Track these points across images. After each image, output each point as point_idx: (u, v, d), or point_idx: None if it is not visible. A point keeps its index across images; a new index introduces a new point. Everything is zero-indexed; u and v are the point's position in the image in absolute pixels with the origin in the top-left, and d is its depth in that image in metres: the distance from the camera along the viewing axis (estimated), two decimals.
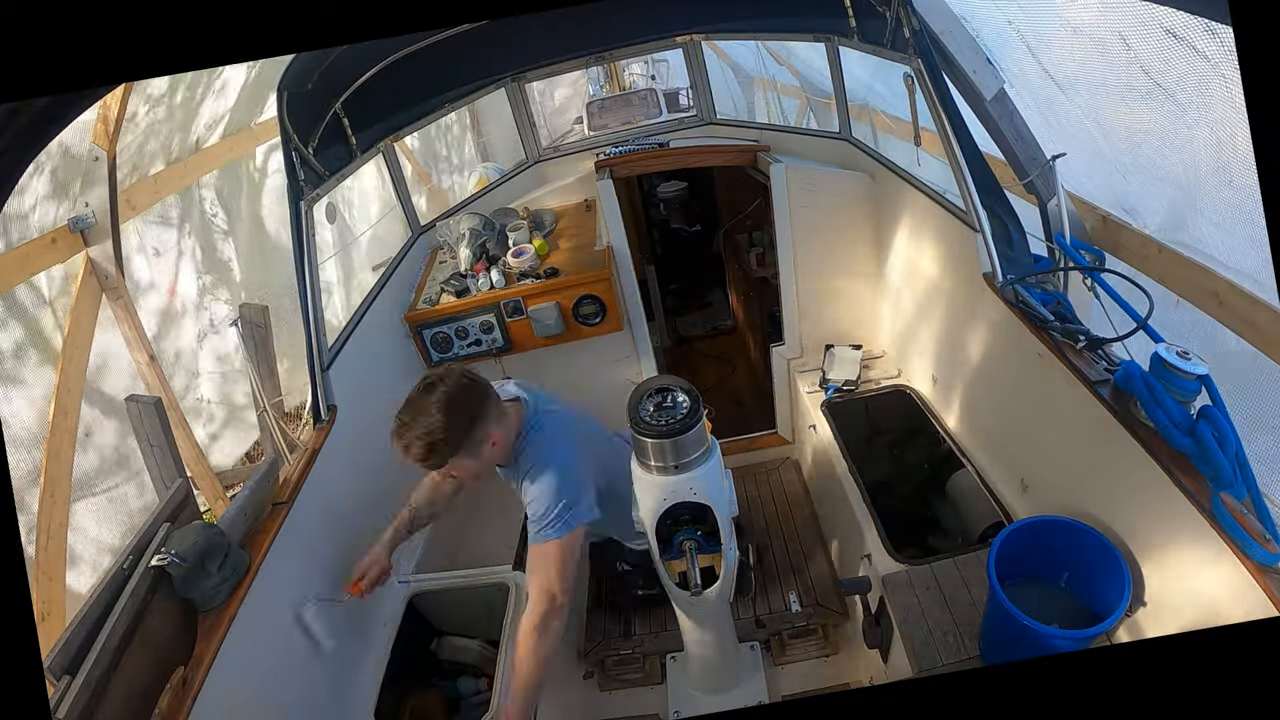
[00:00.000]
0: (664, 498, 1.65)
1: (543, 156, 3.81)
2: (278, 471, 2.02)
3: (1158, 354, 1.55)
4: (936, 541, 2.59)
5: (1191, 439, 1.45)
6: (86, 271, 3.18)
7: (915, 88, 2.33)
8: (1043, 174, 2.22)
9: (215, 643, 1.58)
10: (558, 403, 1.95)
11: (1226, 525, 1.35)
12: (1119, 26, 1.69)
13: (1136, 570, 1.64)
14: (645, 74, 8.48)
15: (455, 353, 2.99)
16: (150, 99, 3.46)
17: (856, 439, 2.77)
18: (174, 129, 3.72)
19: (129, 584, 1.52)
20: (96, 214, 3.15)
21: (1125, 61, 1.72)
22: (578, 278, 2.91)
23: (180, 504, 1.75)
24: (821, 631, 2.57)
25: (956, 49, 2.19)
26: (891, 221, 2.90)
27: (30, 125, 0.95)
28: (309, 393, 2.28)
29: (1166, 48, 1.58)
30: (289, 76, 2.20)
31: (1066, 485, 1.98)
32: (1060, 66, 2.04)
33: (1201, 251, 1.89)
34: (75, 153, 3.05)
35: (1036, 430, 2.12)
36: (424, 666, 2.32)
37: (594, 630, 2.75)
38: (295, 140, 2.26)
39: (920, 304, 2.81)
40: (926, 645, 1.83)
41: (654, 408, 1.63)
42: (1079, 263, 2.17)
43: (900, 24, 2.11)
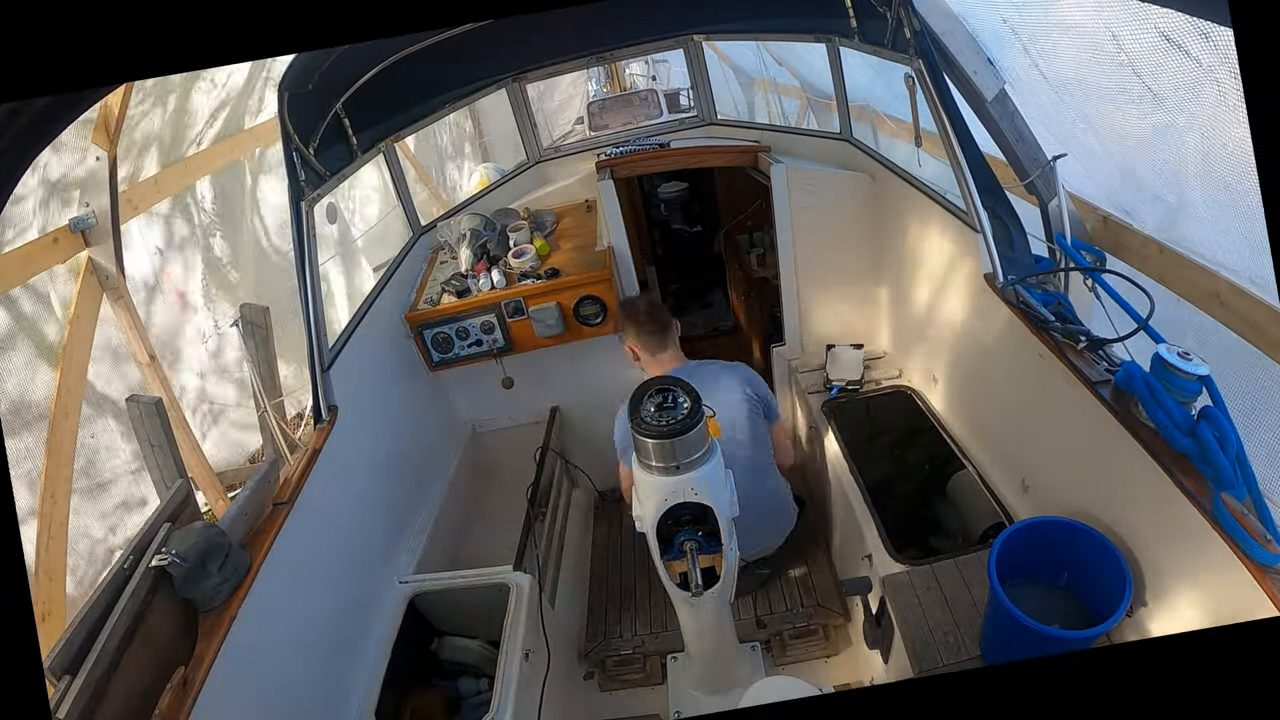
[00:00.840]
0: (665, 498, 1.65)
1: (543, 157, 3.81)
2: (278, 471, 2.02)
3: (1158, 354, 1.54)
4: (937, 542, 2.59)
5: (1192, 439, 1.45)
6: (87, 272, 3.18)
7: (916, 88, 2.33)
8: (1043, 174, 2.22)
9: (216, 643, 1.58)
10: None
11: (1227, 526, 1.35)
12: (1112, 28, 1.69)
13: (1137, 570, 1.64)
14: (646, 74, 8.49)
15: (456, 353, 2.99)
16: (151, 99, 3.47)
17: (857, 439, 2.77)
18: (176, 129, 3.72)
19: (129, 584, 1.51)
20: (97, 214, 3.15)
21: (1118, 64, 1.72)
22: (579, 278, 2.91)
23: (181, 504, 1.75)
24: (822, 632, 2.57)
25: (957, 49, 2.18)
26: (892, 222, 2.90)
27: (30, 125, 0.95)
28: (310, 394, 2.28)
29: (1160, 50, 1.58)
30: (290, 76, 2.20)
31: (1067, 486, 1.97)
32: (1055, 68, 2.03)
33: (1201, 253, 1.89)
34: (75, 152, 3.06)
35: (1037, 431, 2.12)
36: (424, 666, 2.32)
37: (594, 630, 2.75)
38: (296, 140, 2.26)
39: (921, 305, 2.81)
40: (927, 646, 1.83)
41: (655, 408, 1.62)
42: (1080, 263, 2.17)
43: (901, 24, 2.11)
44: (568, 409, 3.36)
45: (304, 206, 2.26)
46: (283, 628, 1.86)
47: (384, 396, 2.74)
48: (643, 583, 2.90)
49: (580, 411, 3.36)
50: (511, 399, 3.22)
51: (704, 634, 2.01)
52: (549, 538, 2.74)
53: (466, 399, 3.29)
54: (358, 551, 2.28)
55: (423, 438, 3.00)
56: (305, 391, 2.59)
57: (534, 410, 3.31)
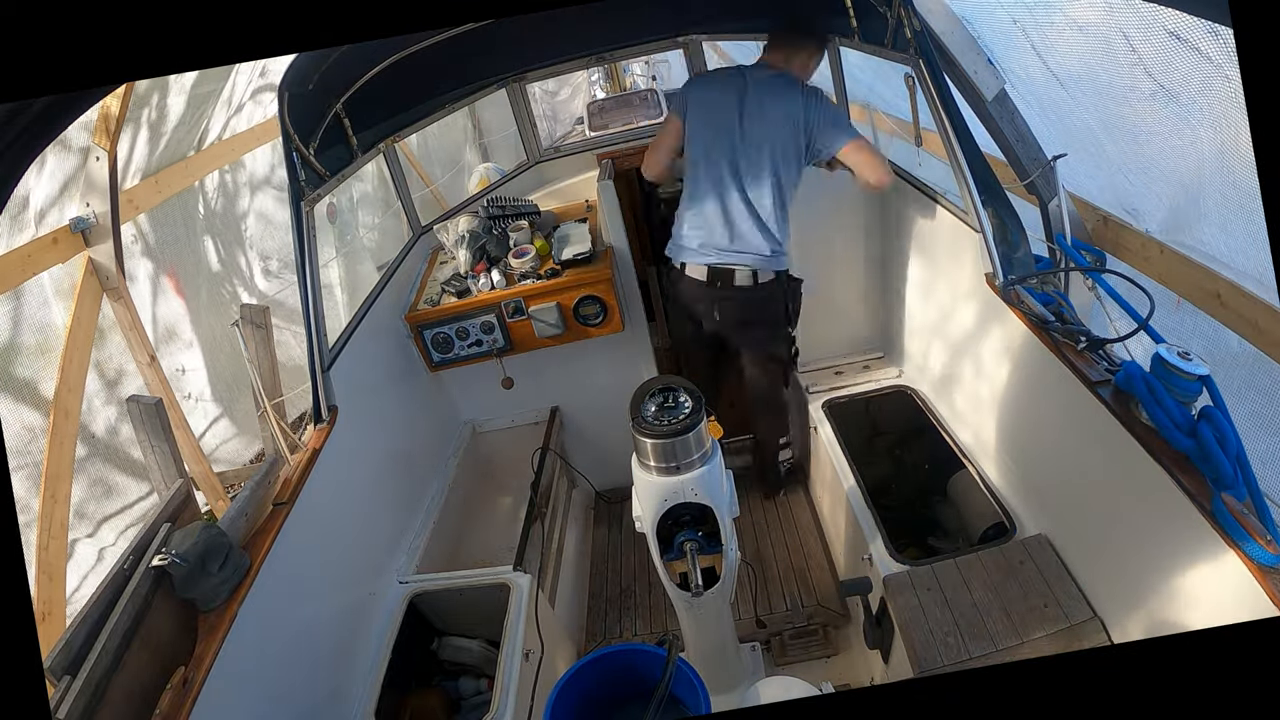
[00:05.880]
0: (665, 498, 1.65)
1: (543, 157, 3.81)
2: (278, 472, 2.02)
3: (1159, 354, 1.54)
4: (937, 542, 2.59)
5: (1192, 439, 1.45)
6: (87, 272, 3.18)
7: (916, 88, 2.33)
8: (1043, 174, 2.22)
9: (216, 643, 1.58)
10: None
11: (1228, 526, 1.35)
12: (1123, 26, 1.69)
13: (1138, 570, 1.64)
14: (646, 74, 8.49)
15: (456, 353, 2.99)
16: (151, 99, 3.46)
17: (857, 439, 2.77)
18: (176, 129, 3.72)
19: (130, 584, 1.52)
20: (97, 214, 3.15)
21: (1129, 63, 1.72)
22: (578, 278, 2.91)
23: (181, 504, 1.75)
24: (822, 632, 2.57)
25: (957, 49, 2.19)
26: (892, 222, 2.90)
27: (30, 125, 0.95)
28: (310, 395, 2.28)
29: (1169, 49, 1.58)
30: (290, 77, 2.19)
31: (1067, 486, 1.98)
32: (1064, 66, 2.03)
33: (1203, 252, 1.89)
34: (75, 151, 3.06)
35: (1037, 431, 2.12)
36: (424, 666, 2.32)
37: (594, 630, 2.75)
38: (296, 141, 2.26)
39: (921, 304, 2.81)
40: (927, 646, 1.83)
41: (656, 408, 1.62)
42: (1079, 263, 2.17)
43: (901, 24, 2.11)
44: (568, 409, 3.36)
45: (304, 207, 2.25)
46: (283, 628, 1.86)
47: (384, 397, 2.74)
48: (643, 583, 2.90)
49: (580, 411, 3.36)
50: (511, 399, 3.22)
51: (704, 634, 2.01)
52: (549, 538, 2.74)
53: (466, 399, 3.29)
54: (358, 551, 2.28)
55: (423, 438, 3.00)
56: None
57: (534, 410, 3.31)
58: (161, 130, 3.62)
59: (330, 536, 2.15)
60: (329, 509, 2.14)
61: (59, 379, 3.03)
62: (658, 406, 1.63)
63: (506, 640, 2.05)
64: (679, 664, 1.43)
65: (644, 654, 1.54)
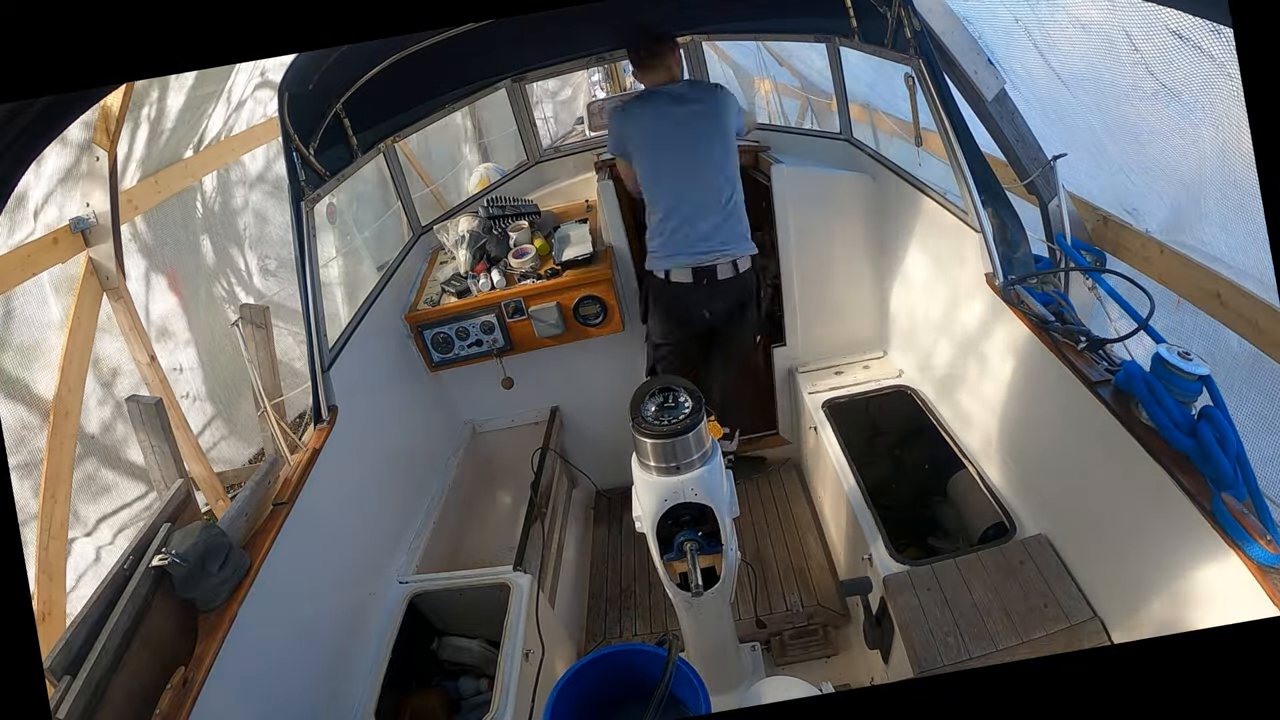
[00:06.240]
0: (665, 498, 1.65)
1: (543, 157, 3.81)
2: (278, 471, 2.02)
3: (1159, 354, 1.54)
4: (937, 542, 2.59)
5: (1193, 439, 1.45)
6: (87, 272, 3.18)
7: (916, 88, 2.33)
8: (1043, 174, 2.22)
9: (216, 643, 1.58)
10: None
11: (1228, 526, 1.35)
12: (1125, 25, 1.69)
13: (1138, 570, 1.64)
14: None
15: (456, 353, 2.99)
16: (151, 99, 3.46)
17: (857, 440, 2.77)
18: (176, 129, 3.72)
19: (130, 584, 1.52)
20: (97, 214, 3.15)
21: (1132, 62, 1.72)
22: (579, 278, 2.91)
23: (181, 504, 1.75)
24: (822, 632, 2.57)
25: (957, 49, 2.19)
26: (893, 222, 2.90)
27: (30, 125, 0.95)
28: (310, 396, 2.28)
29: (1172, 47, 1.58)
30: (290, 77, 2.19)
31: (1067, 486, 1.97)
32: (1067, 65, 2.03)
33: (1204, 252, 1.89)
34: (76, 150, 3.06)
35: (1037, 431, 2.12)
36: (424, 666, 2.32)
37: (594, 630, 2.75)
38: (296, 141, 2.26)
39: (921, 304, 2.81)
40: (927, 646, 1.83)
41: (656, 408, 1.62)
42: (1079, 263, 2.17)
43: (901, 24, 2.11)
44: (568, 409, 3.36)
45: (304, 207, 2.26)
46: (283, 627, 1.86)
47: (384, 397, 2.74)
48: (643, 583, 2.90)
49: (580, 411, 3.36)
50: (511, 399, 3.23)
51: (704, 634, 2.01)
52: (549, 538, 2.74)
53: (466, 399, 3.29)
54: (358, 551, 2.28)
55: (423, 438, 3.00)
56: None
57: (534, 410, 3.31)
58: (161, 130, 3.61)
59: (330, 536, 2.15)
60: (329, 509, 2.14)
61: (59, 379, 3.02)
62: (658, 406, 1.63)
63: (506, 640, 2.05)
64: (679, 664, 1.43)
65: (644, 654, 1.54)
